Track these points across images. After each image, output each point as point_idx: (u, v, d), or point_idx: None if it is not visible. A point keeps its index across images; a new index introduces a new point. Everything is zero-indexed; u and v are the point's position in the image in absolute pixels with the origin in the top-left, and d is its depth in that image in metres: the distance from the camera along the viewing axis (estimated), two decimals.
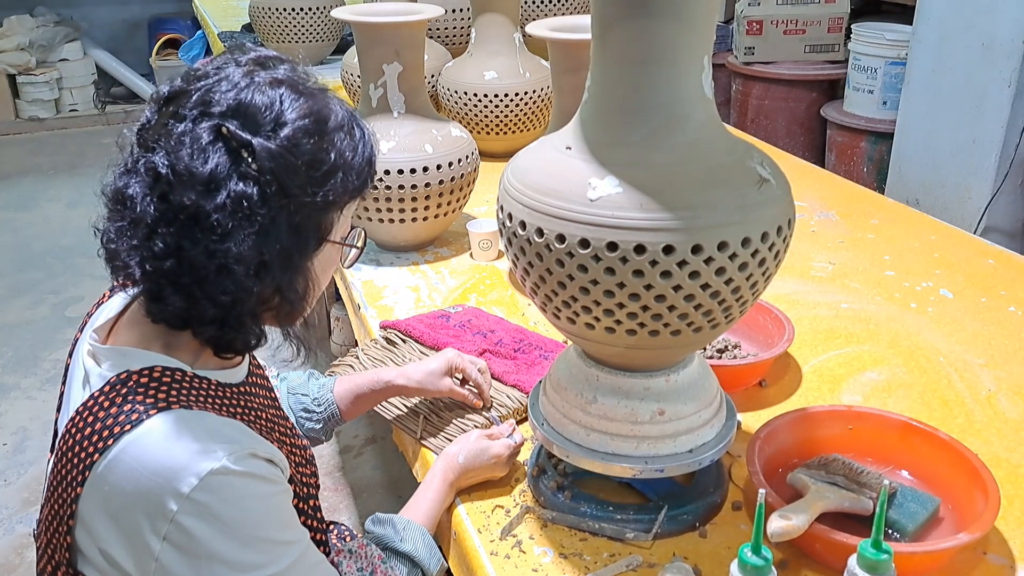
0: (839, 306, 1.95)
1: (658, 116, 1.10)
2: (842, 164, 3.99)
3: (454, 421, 1.53)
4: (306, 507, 1.21)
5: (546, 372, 1.38)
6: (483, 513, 1.35)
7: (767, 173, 1.12)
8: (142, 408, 1.01)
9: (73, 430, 1.02)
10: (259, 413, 1.17)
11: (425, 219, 2.13)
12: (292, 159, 1.02)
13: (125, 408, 1.01)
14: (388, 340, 1.80)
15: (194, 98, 1.04)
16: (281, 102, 1.04)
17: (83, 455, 1.00)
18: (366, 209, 2.09)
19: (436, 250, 2.26)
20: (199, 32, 5.48)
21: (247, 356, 1.23)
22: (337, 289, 2.36)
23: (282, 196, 1.03)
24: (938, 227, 2.37)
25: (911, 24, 3.39)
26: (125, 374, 1.05)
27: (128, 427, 1.00)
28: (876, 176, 3.84)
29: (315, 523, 1.23)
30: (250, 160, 1.01)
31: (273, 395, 1.30)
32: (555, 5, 3.25)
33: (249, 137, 1.01)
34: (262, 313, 1.11)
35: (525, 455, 1.46)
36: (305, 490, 1.22)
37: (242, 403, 1.14)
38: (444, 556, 1.33)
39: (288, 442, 1.22)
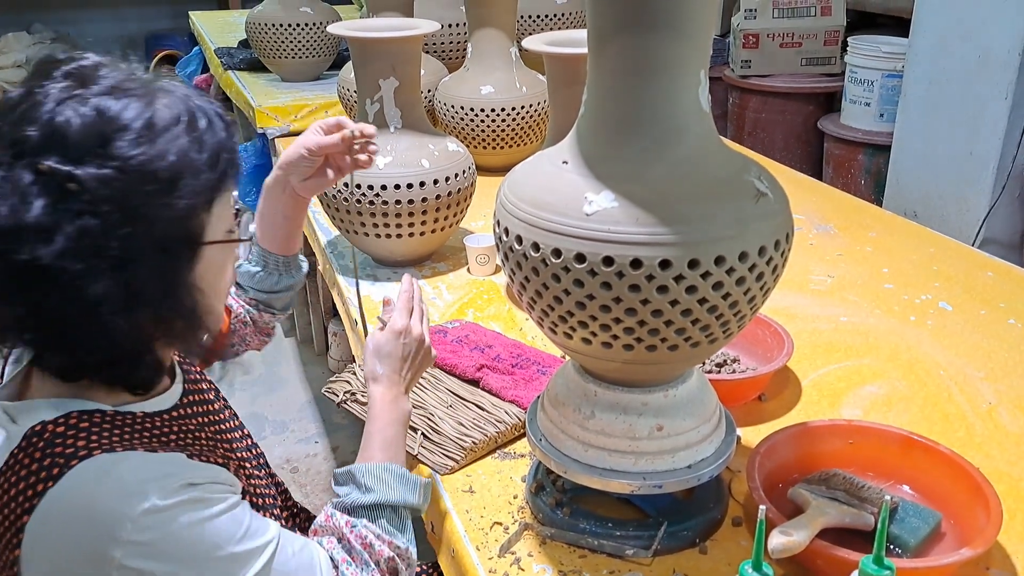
0: (838, 319, 1.95)
1: (655, 130, 1.10)
2: (840, 177, 3.99)
3: (453, 438, 1.52)
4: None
5: (544, 387, 1.37)
6: (481, 530, 1.34)
7: (764, 187, 1.12)
8: (62, 460, 0.96)
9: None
10: (196, 434, 1.13)
11: (422, 234, 2.12)
12: (126, 177, 0.93)
13: (45, 463, 0.96)
14: None
15: (3, 138, 0.95)
16: (101, 116, 0.95)
17: (12, 517, 0.96)
18: (363, 224, 2.08)
19: (433, 265, 2.25)
20: (196, 48, 5.47)
21: (180, 375, 1.19)
22: (334, 304, 2.35)
23: (129, 220, 0.94)
24: (936, 239, 2.37)
25: (907, 36, 3.39)
26: (40, 426, 0.99)
27: (51, 483, 0.95)
28: (874, 188, 3.84)
29: None
30: (80, 193, 0.92)
31: (215, 407, 1.25)
32: (551, 20, 3.25)
33: (71, 168, 0.92)
34: (156, 341, 1.05)
35: (523, 471, 1.45)
36: (260, 500, 1.19)
37: (175, 429, 1.09)
38: (436, 553, 1.33)
39: (236, 456, 1.19)
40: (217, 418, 1.23)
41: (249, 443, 1.32)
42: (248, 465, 1.21)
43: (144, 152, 0.95)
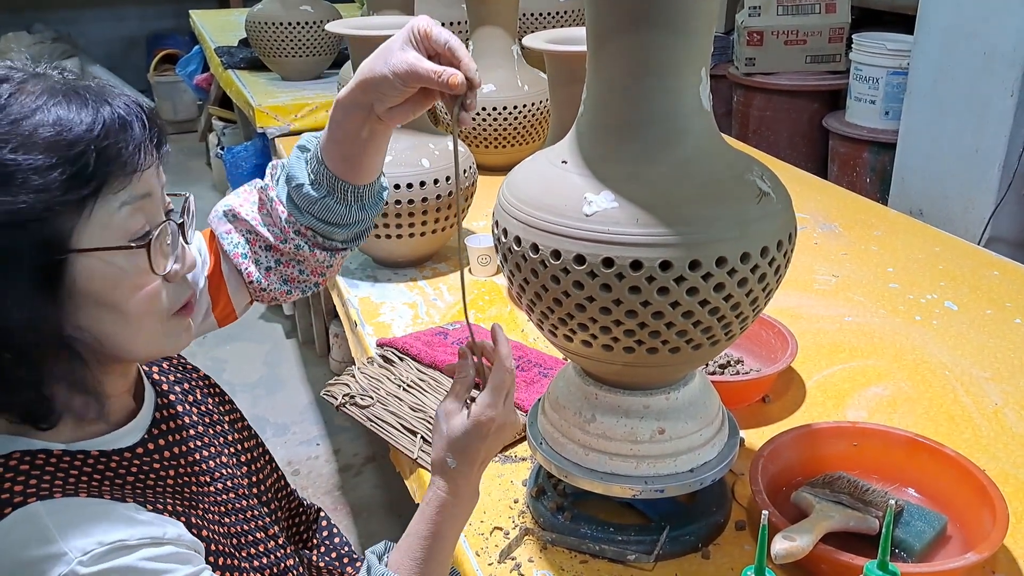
0: (843, 319, 1.93)
1: (655, 129, 1.08)
2: (845, 175, 3.97)
3: None
4: (237, 558, 1.09)
5: (545, 390, 1.35)
6: (481, 536, 1.32)
7: (767, 187, 1.10)
8: None
9: None
10: (160, 474, 1.05)
11: (423, 234, 2.11)
12: None
13: None
14: (385, 358, 1.78)
15: None
16: None
17: None
18: None
19: (434, 266, 2.24)
20: (196, 47, 5.47)
21: (150, 404, 1.11)
22: (335, 306, 2.33)
23: None
24: (942, 238, 2.35)
25: (912, 33, 3.38)
26: None
27: None
28: (879, 187, 3.82)
29: (254, 566, 1.12)
30: None
31: (195, 431, 1.16)
32: (554, 17, 3.24)
33: None
34: (20, 375, 0.93)
35: (524, 474, 1.44)
36: (236, 540, 1.12)
37: (133, 469, 1.01)
38: None
39: (209, 491, 1.12)
40: (194, 445, 1.14)
41: (239, 460, 1.24)
42: (229, 495, 1.14)
43: None
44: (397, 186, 2.01)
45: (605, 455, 1.21)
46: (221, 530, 1.09)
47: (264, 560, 1.15)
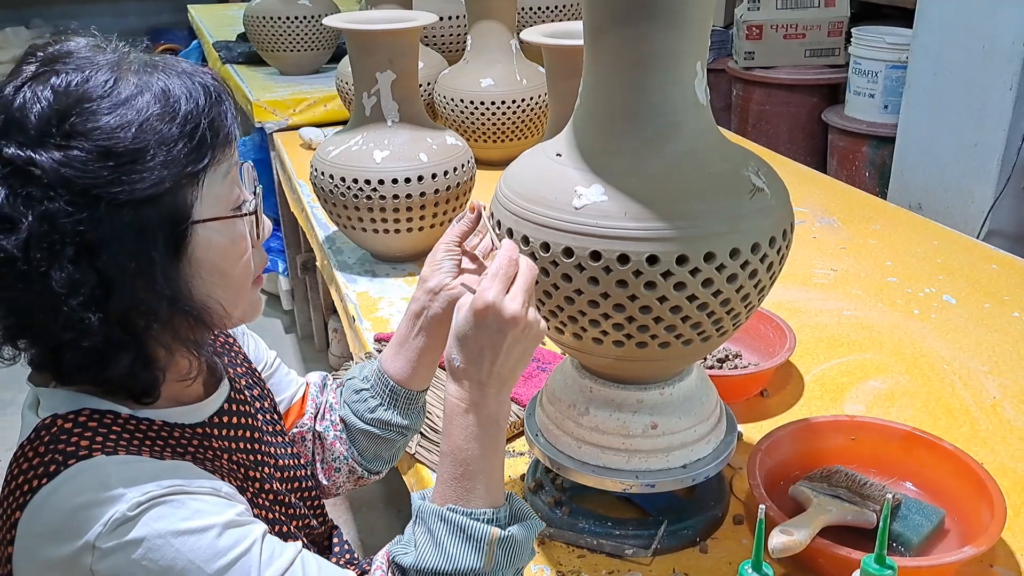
0: (841, 313, 1.93)
1: (651, 124, 1.08)
2: (844, 169, 3.97)
3: None
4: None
5: (543, 384, 1.35)
6: None
7: (761, 182, 1.10)
8: (61, 458, 0.92)
9: (5, 481, 0.96)
10: (219, 454, 1.07)
11: (421, 229, 2.11)
12: (85, 155, 0.88)
13: (46, 459, 0.92)
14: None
15: None
16: (60, 94, 0.89)
17: (9, 511, 0.93)
18: (360, 219, 2.06)
19: None
20: (194, 42, 5.46)
21: (225, 391, 1.15)
22: (333, 301, 2.33)
23: (92, 202, 0.88)
24: (941, 232, 2.35)
25: (911, 27, 3.37)
26: (50, 419, 0.96)
27: (45, 479, 0.91)
28: (878, 181, 3.82)
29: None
30: (41, 178, 0.87)
31: (255, 435, 1.18)
32: (552, 12, 3.23)
33: (31, 153, 0.87)
34: (148, 337, 0.97)
35: (522, 469, 1.44)
36: (277, 527, 1.12)
37: (195, 444, 1.04)
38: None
39: (256, 487, 1.13)
40: (252, 447, 1.16)
41: (284, 476, 1.25)
42: (269, 495, 1.16)
43: (103, 126, 0.89)
44: (395, 180, 2.01)
45: (597, 448, 1.21)
46: (271, 516, 1.12)
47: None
